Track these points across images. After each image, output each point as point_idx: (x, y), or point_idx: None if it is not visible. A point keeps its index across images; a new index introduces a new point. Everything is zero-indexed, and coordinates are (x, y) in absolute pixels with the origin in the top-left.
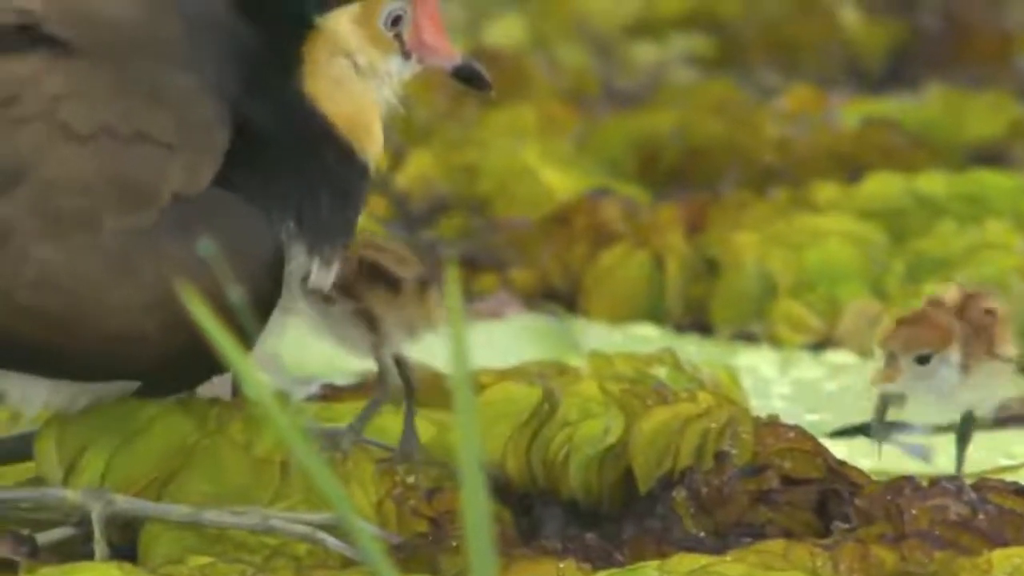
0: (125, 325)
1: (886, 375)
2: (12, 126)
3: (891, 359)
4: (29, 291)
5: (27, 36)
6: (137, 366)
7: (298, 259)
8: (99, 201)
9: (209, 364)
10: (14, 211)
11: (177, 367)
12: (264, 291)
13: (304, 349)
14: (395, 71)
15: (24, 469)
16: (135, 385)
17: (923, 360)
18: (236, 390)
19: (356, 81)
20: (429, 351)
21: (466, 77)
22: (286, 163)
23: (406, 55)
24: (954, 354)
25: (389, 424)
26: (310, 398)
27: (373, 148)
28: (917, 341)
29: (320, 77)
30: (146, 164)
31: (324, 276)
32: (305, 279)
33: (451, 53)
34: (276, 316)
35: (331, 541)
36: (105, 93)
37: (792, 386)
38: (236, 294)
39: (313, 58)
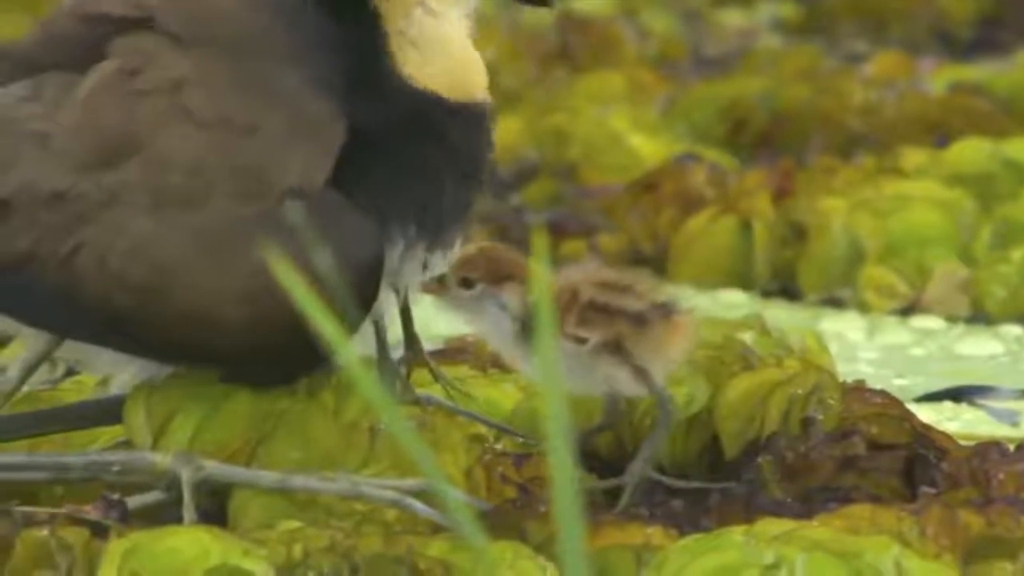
0: (212, 309)
1: (429, 285)
2: (134, 96)
3: (444, 277)
4: (122, 259)
5: (142, 28)
6: (219, 353)
7: (415, 260)
8: (208, 185)
9: (299, 362)
10: (122, 181)
11: (262, 360)
12: (362, 297)
13: (396, 318)
14: None
15: (113, 433)
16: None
17: (466, 284)
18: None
19: (437, 26)
20: None
21: None
22: (401, 163)
23: None
24: (508, 298)
25: (475, 393)
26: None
27: (480, 82)
28: (463, 265)
29: (405, 48)
30: (260, 157)
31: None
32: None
33: None
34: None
35: (420, 507)
36: (223, 85)
37: (879, 351)
38: (324, 261)
39: (392, 30)
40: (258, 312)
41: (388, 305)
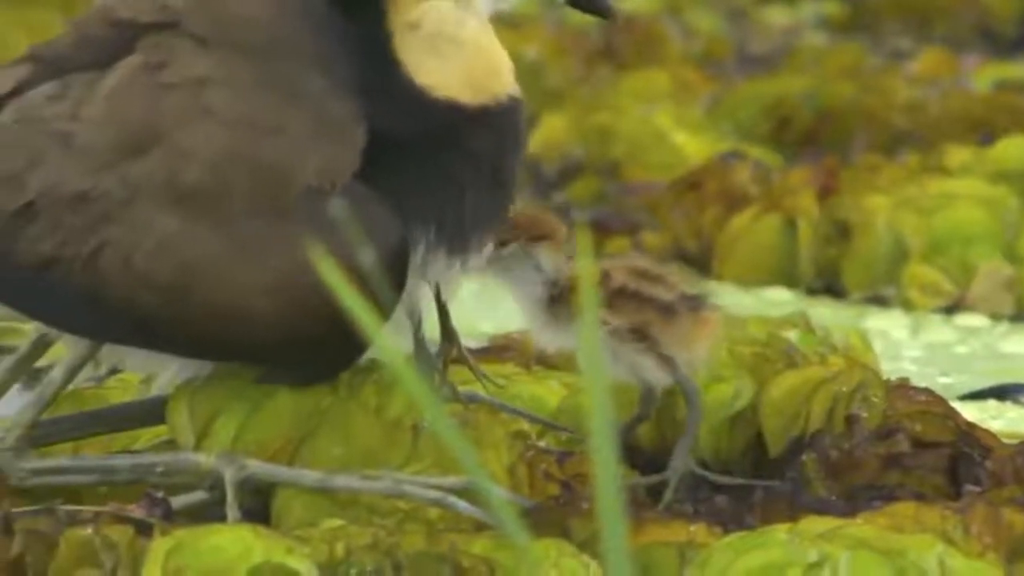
0: (241, 303)
1: None
2: (159, 89)
3: None
4: (147, 258)
5: (169, 32)
6: (251, 347)
7: (438, 263)
8: (230, 181)
9: (333, 355)
10: (144, 174)
11: (295, 353)
12: (391, 282)
13: (433, 312)
14: None
15: (154, 432)
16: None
17: (500, 243)
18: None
19: (452, 20)
20: None
21: (583, 4)
22: (420, 166)
23: None
24: (543, 258)
25: (519, 391)
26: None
27: (505, 77)
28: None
29: (420, 51)
30: (282, 155)
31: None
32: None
33: None
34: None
35: (462, 505)
36: (247, 85)
37: (923, 349)
38: (367, 257)
39: (400, 28)
40: (288, 304)
41: (422, 298)
